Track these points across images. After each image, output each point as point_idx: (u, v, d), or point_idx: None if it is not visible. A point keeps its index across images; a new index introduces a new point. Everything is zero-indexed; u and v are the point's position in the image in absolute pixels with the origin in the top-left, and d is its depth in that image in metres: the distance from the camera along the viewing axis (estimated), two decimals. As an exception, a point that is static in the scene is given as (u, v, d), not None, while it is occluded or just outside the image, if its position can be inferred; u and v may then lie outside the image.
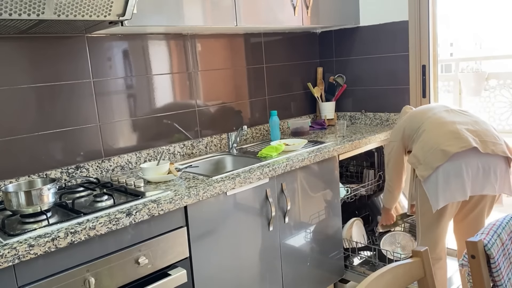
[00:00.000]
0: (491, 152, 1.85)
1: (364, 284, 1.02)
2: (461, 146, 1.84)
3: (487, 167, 1.86)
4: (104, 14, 1.61)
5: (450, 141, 1.87)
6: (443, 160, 1.85)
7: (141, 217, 1.55)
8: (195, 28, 2.20)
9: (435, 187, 1.89)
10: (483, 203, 2.01)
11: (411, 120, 2.11)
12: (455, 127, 1.91)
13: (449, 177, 1.86)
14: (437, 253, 2.04)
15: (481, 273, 1.20)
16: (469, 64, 7.14)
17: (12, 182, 1.82)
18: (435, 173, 1.88)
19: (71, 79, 1.99)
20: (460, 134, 1.87)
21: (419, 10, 2.66)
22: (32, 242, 1.31)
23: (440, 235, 2.01)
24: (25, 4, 1.41)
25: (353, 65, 3.04)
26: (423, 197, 1.98)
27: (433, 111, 2.06)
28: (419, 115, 2.10)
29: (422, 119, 2.05)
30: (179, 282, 1.66)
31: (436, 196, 1.88)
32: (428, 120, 2.01)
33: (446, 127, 1.93)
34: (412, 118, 2.11)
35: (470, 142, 1.84)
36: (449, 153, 1.84)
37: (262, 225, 2.05)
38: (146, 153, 2.26)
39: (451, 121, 1.95)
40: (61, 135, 1.98)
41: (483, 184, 1.87)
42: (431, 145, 1.91)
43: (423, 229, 2.04)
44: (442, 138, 1.90)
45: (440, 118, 1.99)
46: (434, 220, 1.99)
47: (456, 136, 1.87)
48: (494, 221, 1.33)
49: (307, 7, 2.56)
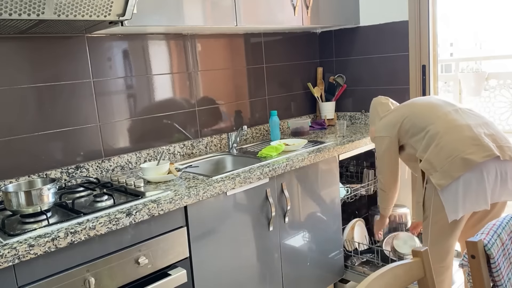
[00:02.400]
0: (508, 158, 1.78)
1: (364, 284, 1.02)
2: (484, 156, 1.74)
3: (504, 173, 1.79)
4: (104, 14, 1.61)
5: (471, 149, 1.76)
6: (465, 169, 1.74)
7: (141, 217, 1.55)
8: (195, 28, 2.20)
9: (454, 197, 1.79)
10: (496, 208, 1.93)
11: (414, 116, 1.98)
12: (473, 132, 1.80)
13: (470, 186, 1.76)
14: (447, 262, 1.95)
15: (481, 273, 1.20)
16: (469, 64, 7.13)
17: (12, 182, 1.82)
18: (455, 183, 1.77)
19: (71, 79, 1.99)
20: (480, 140, 1.77)
21: (419, 10, 2.66)
22: (32, 242, 1.31)
23: (452, 244, 1.93)
24: (25, 4, 1.41)
25: (353, 65, 3.04)
26: (438, 206, 1.87)
27: (443, 110, 1.93)
28: (424, 112, 1.97)
29: (431, 118, 1.92)
30: (179, 282, 1.66)
31: (456, 206, 1.79)
32: (439, 121, 1.88)
33: (463, 132, 1.81)
34: (415, 115, 1.98)
35: (493, 150, 1.75)
36: (472, 162, 1.74)
37: (262, 225, 2.05)
38: (146, 153, 2.26)
39: (467, 124, 1.83)
40: (61, 135, 1.98)
41: (501, 191, 1.81)
42: (449, 152, 1.79)
43: (434, 239, 1.93)
44: (462, 144, 1.78)
45: (454, 121, 1.86)
46: (447, 230, 1.88)
47: (477, 143, 1.77)
48: (494, 221, 1.33)
49: (307, 7, 2.56)
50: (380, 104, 2.23)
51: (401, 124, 2.02)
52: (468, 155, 1.74)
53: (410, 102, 2.12)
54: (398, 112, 2.07)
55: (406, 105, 2.09)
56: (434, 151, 1.84)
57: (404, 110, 2.06)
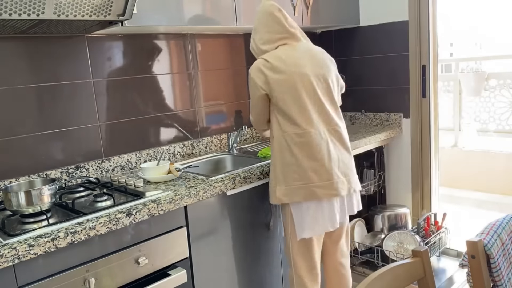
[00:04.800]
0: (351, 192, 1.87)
1: (364, 284, 1.02)
2: (331, 194, 1.77)
3: (343, 204, 1.89)
4: (104, 14, 1.61)
5: (323, 182, 1.76)
6: (309, 199, 1.77)
7: (141, 217, 1.55)
8: (195, 28, 2.20)
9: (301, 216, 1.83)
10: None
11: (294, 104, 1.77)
12: (330, 167, 1.77)
13: (308, 211, 1.81)
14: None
15: (481, 273, 1.21)
16: (469, 64, 7.13)
17: (12, 182, 1.82)
18: (296, 204, 1.80)
19: (71, 79, 1.99)
20: (333, 177, 1.77)
21: (419, 10, 2.66)
22: (32, 242, 1.31)
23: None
24: (25, 4, 1.41)
25: (353, 65, 3.04)
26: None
27: (320, 129, 1.79)
28: (306, 111, 1.77)
29: (310, 125, 1.77)
30: (179, 282, 1.66)
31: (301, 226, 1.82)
32: (311, 137, 1.76)
33: (323, 163, 1.76)
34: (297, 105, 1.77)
35: (339, 190, 1.78)
36: (317, 197, 1.76)
37: (262, 225, 2.05)
38: (146, 153, 2.26)
39: (328, 157, 1.77)
40: (61, 135, 1.98)
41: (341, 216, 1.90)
42: (302, 177, 1.75)
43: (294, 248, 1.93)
44: (315, 175, 1.75)
45: (319, 146, 1.77)
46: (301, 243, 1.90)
47: (329, 179, 1.77)
48: (494, 221, 1.33)
49: (307, 7, 2.56)
50: (272, 17, 1.84)
51: (278, 96, 1.78)
52: (316, 188, 1.75)
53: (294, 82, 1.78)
54: (283, 80, 1.77)
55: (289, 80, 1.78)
56: (291, 167, 1.77)
57: (288, 83, 1.77)
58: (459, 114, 5.47)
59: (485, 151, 4.80)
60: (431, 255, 2.65)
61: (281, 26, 1.85)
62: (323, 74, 1.84)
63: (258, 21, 1.89)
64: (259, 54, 1.88)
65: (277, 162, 1.81)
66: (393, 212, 2.77)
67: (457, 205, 4.26)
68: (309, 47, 1.89)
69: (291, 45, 1.85)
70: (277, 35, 1.85)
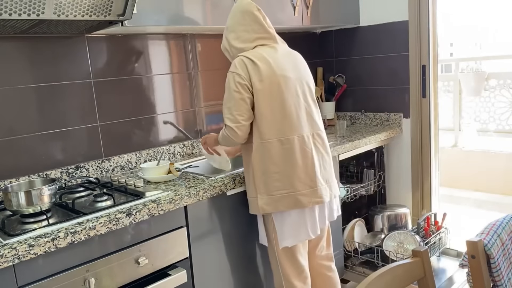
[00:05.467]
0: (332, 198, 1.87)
1: (364, 284, 1.02)
2: (314, 202, 1.74)
3: (328, 209, 1.89)
4: (104, 14, 1.61)
5: (306, 190, 1.72)
6: (292, 208, 1.73)
7: (141, 217, 1.55)
8: (195, 28, 2.20)
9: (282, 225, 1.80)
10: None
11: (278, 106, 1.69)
12: (314, 173, 1.74)
13: (291, 218, 1.79)
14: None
15: (481, 273, 1.21)
16: (469, 64, 7.13)
17: (12, 182, 1.81)
18: (280, 213, 1.77)
19: (71, 79, 1.99)
20: (316, 184, 1.74)
21: (419, 10, 2.66)
22: (32, 242, 1.31)
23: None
24: (25, 4, 1.41)
25: (353, 65, 3.04)
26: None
27: (303, 132, 1.73)
28: (291, 115, 1.71)
29: (293, 129, 1.71)
30: (179, 282, 1.66)
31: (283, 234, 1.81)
32: (295, 143, 1.71)
33: (306, 170, 1.73)
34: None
35: (323, 197, 1.76)
36: (302, 205, 1.72)
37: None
38: (146, 153, 2.26)
39: (311, 163, 1.74)
40: (61, 135, 1.97)
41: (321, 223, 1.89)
42: (284, 185, 1.71)
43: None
44: (299, 183, 1.72)
45: (305, 152, 1.73)
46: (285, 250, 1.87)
47: (313, 186, 1.73)
48: (494, 221, 1.33)
49: (307, 7, 2.56)
50: (250, 15, 1.76)
51: (260, 101, 1.70)
52: (301, 196, 1.72)
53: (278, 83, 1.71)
54: (266, 83, 1.70)
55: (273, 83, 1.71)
56: (273, 176, 1.71)
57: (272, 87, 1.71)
58: (459, 114, 5.47)
59: (485, 151, 4.80)
60: (431, 255, 2.65)
61: (260, 26, 1.78)
62: (305, 77, 1.81)
63: (234, 20, 1.79)
64: (235, 53, 1.79)
65: (256, 171, 1.74)
66: (393, 212, 2.77)
67: (457, 205, 4.25)
68: (289, 50, 1.84)
69: (271, 47, 1.79)
70: (256, 34, 1.77)
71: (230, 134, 1.72)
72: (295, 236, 1.78)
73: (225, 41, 1.83)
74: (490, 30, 21.90)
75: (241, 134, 1.72)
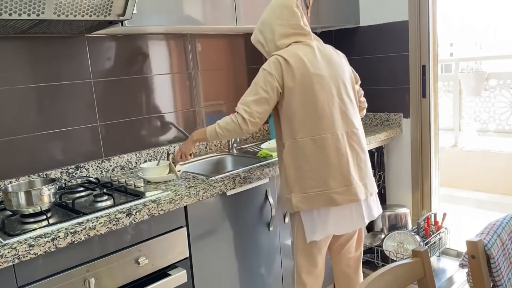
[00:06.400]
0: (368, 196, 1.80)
1: (364, 284, 1.02)
2: (349, 200, 1.71)
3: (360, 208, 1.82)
4: (104, 14, 1.61)
5: (340, 188, 1.70)
6: (327, 206, 1.70)
7: (141, 217, 1.55)
8: (195, 28, 2.20)
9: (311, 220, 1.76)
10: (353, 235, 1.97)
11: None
12: (347, 171, 1.71)
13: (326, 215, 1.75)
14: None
15: (481, 273, 1.20)
16: (469, 64, 7.13)
17: (12, 182, 1.82)
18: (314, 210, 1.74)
19: (71, 79, 1.99)
20: (351, 182, 1.71)
21: (419, 10, 2.66)
22: (32, 242, 1.31)
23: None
24: (25, 4, 1.41)
25: (353, 65, 3.02)
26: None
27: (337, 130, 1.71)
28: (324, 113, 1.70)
29: (326, 128, 1.70)
30: (179, 282, 1.66)
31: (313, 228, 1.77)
32: (328, 141, 1.70)
33: (340, 168, 1.70)
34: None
35: (358, 195, 1.72)
36: (336, 203, 1.70)
37: (262, 226, 2.05)
38: (146, 153, 2.26)
39: (346, 160, 1.71)
40: (61, 135, 1.98)
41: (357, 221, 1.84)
42: (318, 183, 1.69)
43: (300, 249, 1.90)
44: (333, 181, 1.69)
45: (339, 150, 1.71)
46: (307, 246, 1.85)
47: (347, 185, 1.71)
48: (494, 221, 1.33)
49: (307, 7, 2.56)
50: (289, 10, 1.76)
51: (292, 99, 1.69)
52: (335, 194, 1.69)
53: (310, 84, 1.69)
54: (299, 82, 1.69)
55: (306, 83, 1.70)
56: (307, 174, 1.70)
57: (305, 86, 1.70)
58: (459, 114, 5.47)
59: (485, 151, 4.80)
60: (431, 255, 2.65)
61: (296, 22, 1.75)
62: (340, 75, 1.77)
63: (270, 14, 1.76)
64: (271, 48, 1.77)
65: (290, 170, 1.72)
66: (393, 212, 2.77)
67: (457, 205, 4.26)
68: (325, 48, 1.82)
69: (307, 44, 1.76)
70: (292, 30, 1.75)
71: (240, 123, 1.70)
72: (322, 230, 1.75)
73: (259, 34, 1.81)
74: (490, 30, 21.90)
75: (251, 128, 1.71)
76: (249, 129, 1.71)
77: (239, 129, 1.71)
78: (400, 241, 2.55)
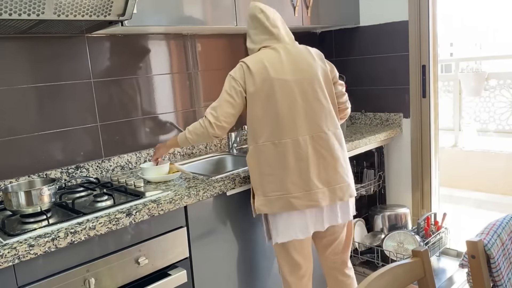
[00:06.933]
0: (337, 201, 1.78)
1: (364, 284, 1.02)
2: (308, 205, 1.71)
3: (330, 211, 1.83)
4: (104, 14, 1.61)
5: (300, 193, 1.70)
6: (287, 210, 1.71)
7: (141, 217, 1.55)
8: (195, 28, 2.20)
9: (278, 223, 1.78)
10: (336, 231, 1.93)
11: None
12: (308, 176, 1.70)
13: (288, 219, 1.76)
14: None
15: (481, 273, 1.21)
16: (469, 64, 7.13)
17: (12, 182, 1.82)
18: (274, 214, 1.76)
19: (71, 79, 1.99)
20: (311, 188, 1.71)
21: (419, 10, 2.66)
22: (32, 242, 1.31)
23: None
24: (25, 4, 1.41)
25: (353, 65, 3.04)
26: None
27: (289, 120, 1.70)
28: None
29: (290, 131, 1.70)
30: (179, 282, 1.66)
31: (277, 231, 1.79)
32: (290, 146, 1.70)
33: (300, 173, 1.70)
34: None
35: (318, 201, 1.71)
36: (295, 208, 1.70)
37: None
38: (146, 153, 2.26)
39: (306, 167, 1.71)
40: (61, 135, 1.98)
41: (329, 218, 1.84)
42: (279, 188, 1.70)
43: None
44: (292, 186, 1.70)
45: (299, 155, 1.71)
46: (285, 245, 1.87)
47: (307, 190, 1.70)
48: (494, 221, 1.33)
49: (307, 7, 2.56)
50: (254, 19, 1.82)
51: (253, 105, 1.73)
52: (293, 199, 1.70)
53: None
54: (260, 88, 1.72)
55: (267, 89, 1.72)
56: (268, 177, 1.72)
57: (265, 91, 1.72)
58: (459, 114, 5.47)
59: (485, 151, 4.80)
60: (431, 255, 2.65)
61: (264, 28, 1.80)
62: (309, 78, 1.75)
63: (247, 25, 1.88)
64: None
65: (253, 174, 1.75)
66: (393, 212, 2.77)
67: (457, 205, 4.26)
68: (295, 50, 1.80)
69: (273, 48, 1.79)
70: (262, 36, 1.81)
71: (207, 127, 1.77)
72: (285, 233, 1.76)
73: (248, 43, 1.90)
74: (490, 31, 21.90)
75: (218, 132, 1.77)
76: (215, 132, 1.77)
77: (207, 133, 1.78)
78: (400, 241, 2.55)
